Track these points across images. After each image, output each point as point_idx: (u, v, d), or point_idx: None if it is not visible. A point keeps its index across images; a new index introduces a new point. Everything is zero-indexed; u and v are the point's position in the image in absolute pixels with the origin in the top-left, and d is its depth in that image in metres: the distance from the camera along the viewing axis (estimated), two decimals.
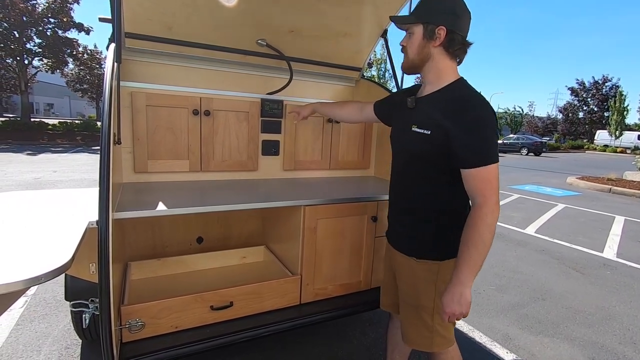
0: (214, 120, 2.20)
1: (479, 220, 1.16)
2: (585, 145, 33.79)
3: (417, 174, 1.34)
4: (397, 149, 1.47)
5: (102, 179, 1.23)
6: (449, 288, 1.22)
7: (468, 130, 1.16)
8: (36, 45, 18.36)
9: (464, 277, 1.18)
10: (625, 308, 3.06)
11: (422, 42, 1.25)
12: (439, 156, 1.24)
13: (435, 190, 1.31)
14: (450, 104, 1.21)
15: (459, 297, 1.19)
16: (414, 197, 1.36)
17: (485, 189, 1.16)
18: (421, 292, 1.37)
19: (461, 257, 1.19)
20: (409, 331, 1.45)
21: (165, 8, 1.99)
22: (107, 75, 1.41)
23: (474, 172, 1.16)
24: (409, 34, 1.30)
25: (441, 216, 1.32)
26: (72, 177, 7.79)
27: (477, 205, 1.18)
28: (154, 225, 2.29)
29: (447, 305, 1.21)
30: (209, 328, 1.69)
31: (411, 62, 1.31)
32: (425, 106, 1.30)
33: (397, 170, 1.46)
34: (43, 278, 0.89)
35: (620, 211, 6.95)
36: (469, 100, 1.19)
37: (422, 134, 1.26)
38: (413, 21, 1.27)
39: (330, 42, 2.52)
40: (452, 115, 1.18)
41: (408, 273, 1.41)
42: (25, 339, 2.21)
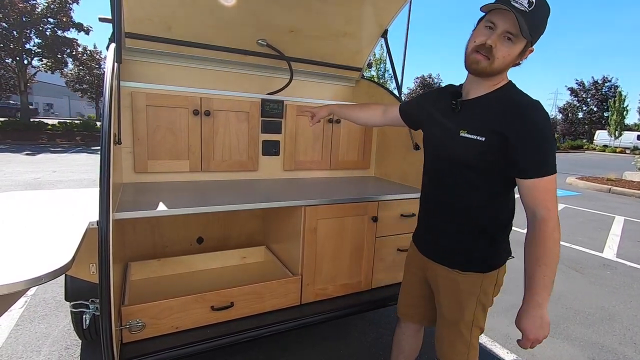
0: (214, 120, 2.20)
1: (548, 236, 1.07)
2: (584, 146, 33.80)
3: (465, 183, 1.24)
4: (440, 155, 1.33)
5: (103, 179, 1.22)
6: (527, 313, 1.12)
7: (530, 138, 1.07)
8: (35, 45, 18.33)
9: (541, 299, 1.10)
10: (625, 308, 3.06)
11: (516, 58, 1.14)
12: (493, 165, 1.16)
13: (486, 200, 1.23)
14: (507, 109, 1.12)
15: (540, 321, 1.11)
16: (461, 207, 1.27)
17: (548, 201, 1.08)
18: (464, 306, 1.29)
19: (534, 278, 1.10)
20: (446, 348, 1.37)
21: (165, 8, 1.99)
22: (108, 75, 1.40)
23: (536, 183, 1.08)
24: (508, 38, 1.09)
25: (490, 227, 1.25)
26: (71, 177, 7.78)
27: (541, 219, 1.09)
28: (154, 225, 2.29)
29: (531, 332, 1.12)
30: (209, 328, 1.69)
31: (495, 71, 1.14)
32: (475, 110, 1.20)
33: (438, 178, 1.34)
34: (44, 278, 0.89)
35: (620, 211, 6.95)
36: (528, 106, 1.10)
37: (474, 140, 1.16)
38: (524, 34, 1.06)
39: (331, 42, 2.52)
40: (511, 122, 1.09)
41: (450, 286, 1.32)
42: (25, 340, 2.21)
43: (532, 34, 1.07)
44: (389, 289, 2.19)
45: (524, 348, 1.17)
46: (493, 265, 1.28)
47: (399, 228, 2.15)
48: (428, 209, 1.42)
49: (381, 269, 2.17)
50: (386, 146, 2.71)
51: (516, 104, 1.12)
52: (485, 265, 1.28)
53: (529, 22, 1.05)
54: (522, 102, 1.12)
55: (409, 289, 1.57)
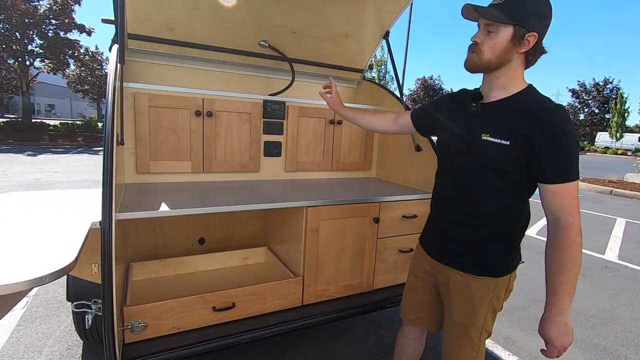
0: (216, 121, 2.20)
1: (572, 243, 1.06)
2: (586, 147, 33.74)
3: (485, 187, 1.21)
4: (456, 159, 1.30)
5: (105, 179, 1.23)
6: (550, 320, 1.11)
7: (554, 143, 1.06)
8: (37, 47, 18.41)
9: (564, 306, 1.09)
10: (627, 310, 3.05)
11: (507, 46, 1.12)
12: (516, 169, 1.13)
13: (504, 205, 1.21)
14: (531, 113, 1.10)
15: (564, 327, 1.09)
16: (477, 212, 1.24)
17: (572, 207, 1.07)
18: (476, 310, 1.28)
19: (557, 285, 1.09)
20: (454, 351, 1.36)
21: (167, 9, 1.99)
22: (111, 76, 1.41)
23: (560, 188, 1.07)
24: (488, 31, 1.14)
25: (506, 232, 1.24)
26: (73, 177, 7.79)
27: (564, 225, 1.07)
28: (156, 226, 2.30)
29: (557, 340, 1.10)
30: (211, 329, 1.69)
31: (486, 62, 1.15)
32: (497, 113, 1.18)
33: (454, 182, 1.32)
34: (47, 278, 0.89)
35: (622, 213, 6.94)
36: (552, 110, 1.09)
37: (498, 144, 1.14)
38: (504, 21, 1.09)
39: (332, 43, 2.52)
40: (536, 125, 1.08)
41: (462, 290, 1.30)
42: (27, 340, 2.21)
43: (511, 16, 1.08)
44: (390, 290, 2.19)
45: (551, 357, 1.13)
46: (506, 270, 1.27)
47: (400, 229, 2.15)
48: (441, 213, 1.39)
49: (383, 271, 2.17)
50: (388, 147, 2.71)
51: (541, 108, 1.11)
52: (498, 270, 1.26)
53: (507, 8, 1.09)
54: (546, 106, 1.11)
55: (414, 293, 1.54)
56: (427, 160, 2.26)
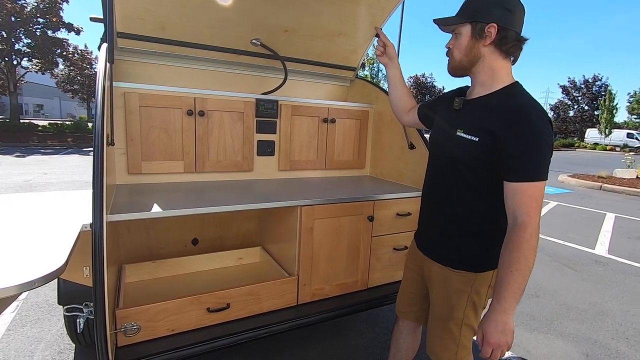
0: (209, 120, 2.18)
1: (524, 242, 1.05)
2: (575, 144, 34.23)
3: (462, 182, 1.24)
4: (438, 152, 1.36)
5: (96, 181, 1.21)
6: (490, 316, 1.11)
7: (521, 142, 1.06)
8: (25, 46, 18.09)
9: (508, 305, 1.07)
10: (618, 304, 3.10)
11: (470, 42, 1.16)
12: (484, 165, 1.15)
13: (483, 201, 1.22)
14: (504, 112, 1.10)
15: (503, 326, 1.08)
16: (456, 206, 1.27)
17: (531, 207, 1.06)
18: (454, 303, 1.30)
19: (504, 283, 1.07)
20: (435, 344, 1.39)
21: (158, 7, 1.97)
22: (100, 75, 1.39)
23: (521, 187, 1.06)
24: (455, 35, 1.21)
25: (486, 229, 1.24)
26: (63, 178, 7.68)
27: (520, 224, 1.06)
28: (149, 227, 2.27)
29: (491, 336, 1.09)
30: (205, 330, 1.68)
31: (459, 63, 1.21)
32: (474, 110, 1.21)
33: (436, 175, 1.36)
34: (37, 283, 0.88)
35: (611, 208, 7.05)
36: (526, 110, 1.08)
37: (468, 140, 1.17)
38: (459, 21, 1.17)
39: (325, 41, 2.52)
40: (506, 125, 1.08)
41: (442, 283, 1.34)
42: (17, 344, 2.17)
43: (466, 15, 1.17)
44: (385, 288, 2.19)
45: (485, 356, 1.12)
46: (487, 266, 1.27)
47: (395, 227, 2.15)
48: (426, 207, 1.44)
49: (377, 269, 2.17)
50: (381, 146, 2.71)
51: (514, 106, 1.10)
52: (478, 265, 1.27)
53: (463, 9, 1.19)
54: (522, 103, 1.11)
55: (407, 287, 1.58)
56: (421, 158, 2.26)
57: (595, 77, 37.65)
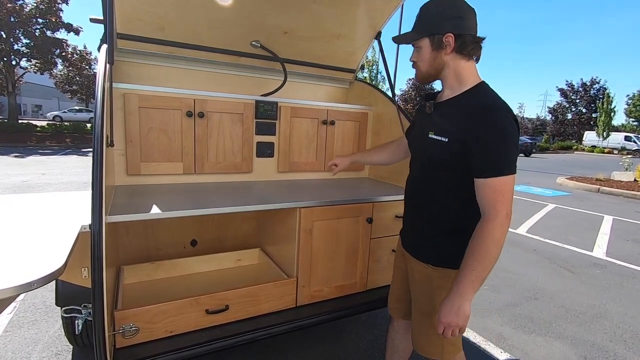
0: (208, 121, 2.18)
1: (486, 233, 1.11)
2: (573, 146, 34.35)
3: (436, 181, 1.30)
4: (415, 156, 1.45)
5: (95, 182, 1.21)
6: (447, 298, 1.18)
7: (488, 139, 1.11)
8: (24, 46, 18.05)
9: (464, 290, 1.13)
10: (616, 306, 3.11)
11: (432, 55, 1.22)
12: (456, 164, 1.20)
13: (455, 199, 1.26)
14: (471, 112, 1.15)
15: (457, 309, 1.14)
16: (434, 205, 1.32)
17: (497, 201, 1.10)
18: (435, 299, 1.33)
19: (464, 269, 1.14)
20: (421, 339, 1.42)
21: (158, 9, 1.97)
22: (100, 76, 1.38)
23: (488, 182, 1.11)
24: (416, 48, 1.27)
25: (460, 226, 1.27)
26: (61, 179, 7.66)
27: (486, 217, 1.13)
28: (147, 228, 2.27)
29: (444, 315, 1.16)
30: (204, 332, 1.67)
31: (426, 74, 1.28)
32: (443, 112, 1.26)
33: (415, 177, 1.43)
34: (35, 284, 0.88)
35: (609, 210, 7.07)
36: (493, 109, 1.13)
37: (439, 141, 1.22)
38: (417, 37, 1.24)
39: (325, 43, 2.52)
40: (472, 124, 1.13)
41: (424, 280, 1.38)
42: (14, 346, 2.16)
43: (421, 30, 1.24)
44: (384, 290, 2.18)
45: (438, 332, 1.21)
46: None
47: (393, 229, 2.16)
48: (407, 207, 1.51)
49: (376, 270, 2.17)
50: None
51: (480, 105, 1.16)
52: (457, 262, 1.29)
53: (417, 25, 1.25)
54: (487, 102, 1.16)
55: (396, 284, 1.64)
56: None
57: (593, 80, 37.81)
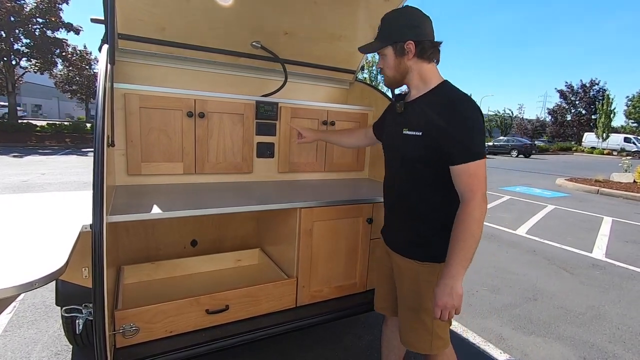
0: (209, 122, 2.19)
1: (467, 215, 1.19)
2: (573, 147, 34.39)
3: (413, 176, 1.36)
4: (391, 153, 1.51)
5: (96, 181, 1.21)
6: (439, 282, 1.24)
7: (457, 129, 1.21)
8: (24, 46, 18.05)
9: (455, 271, 1.20)
10: (615, 307, 3.11)
11: (396, 61, 1.34)
12: (432, 156, 1.28)
13: (433, 192, 1.33)
14: (439, 105, 1.26)
15: (449, 290, 1.20)
16: (412, 199, 1.38)
17: (473, 184, 1.19)
18: (423, 294, 1.37)
19: (452, 252, 1.21)
20: (409, 334, 1.45)
21: (158, 9, 1.97)
22: (101, 76, 1.39)
23: (463, 168, 1.20)
24: (382, 56, 1.38)
25: (444, 219, 1.32)
26: (61, 179, 7.66)
27: (465, 200, 1.21)
28: (147, 228, 2.27)
29: (439, 298, 1.22)
30: (204, 332, 1.68)
31: (392, 79, 1.38)
32: (414, 110, 1.35)
33: (392, 174, 1.49)
34: (37, 283, 0.88)
35: (608, 212, 7.08)
36: (458, 101, 1.25)
37: (413, 135, 1.32)
38: (381, 46, 1.35)
39: (325, 44, 2.53)
40: (442, 116, 1.23)
41: (410, 276, 1.42)
42: (14, 346, 2.16)
43: (383, 39, 1.34)
44: None
45: (436, 316, 1.25)
46: None
47: None
48: (387, 205, 1.55)
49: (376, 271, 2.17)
50: (380, 149, 2.71)
51: (446, 98, 1.27)
52: (441, 256, 1.33)
53: (380, 35, 1.35)
54: (452, 97, 1.27)
55: (381, 283, 1.68)
56: None
57: (593, 82, 37.86)
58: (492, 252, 4.31)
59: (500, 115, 40.42)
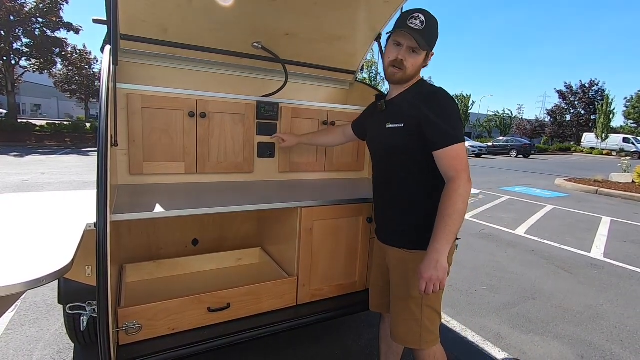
0: (210, 122, 2.20)
1: (452, 192, 1.25)
2: (572, 148, 34.45)
3: (397, 166, 1.44)
4: (375, 148, 1.58)
5: (100, 181, 1.22)
6: (425, 257, 1.28)
7: (437, 116, 1.30)
8: (24, 45, 18.04)
9: (440, 246, 1.25)
10: (613, 307, 3.13)
11: (421, 65, 1.42)
12: (414, 145, 1.36)
13: (418, 181, 1.41)
14: (418, 98, 1.37)
15: (435, 263, 1.25)
16: (397, 189, 1.45)
17: (457, 165, 1.27)
18: (411, 283, 1.41)
19: (437, 227, 1.27)
20: (399, 327, 1.49)
21: (160, 10, 1.99)
22: (104, 77, 1.40)
23: (446, 151, 1.28)
24: (414, 53, 1.37)
25: (426, 205, 1.39)
26: (61, 179, 7.67)
27: (450, 179, 1.27)
28: (149, 227, 2.28)
29: (424, 271, 1.26)
30: (206, 330, 1.69)
31: (408, 77, 1.41)
32: (396, 105, 1.46)
33: (381, 169, 1.56)
34: (44, 280, 0.89)
35: (607, 212, 7.11)
36: (435, 93, 1.36)
37: (395, 127, 1.41)
38: (426, 48, 1.37)
39: (325, 45, 2.55)
40: (422, 106, 1.33)
41: (399, 265, 1.48)
42: (16, 344, 2.18)
43: (428, 44, 1.36)
44: None
45: (421, 290, 1.29)
46: None
47: None
48: (377, 200, 1.61)
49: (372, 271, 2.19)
50: None
51: (424, 92, 1.39)
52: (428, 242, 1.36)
53: (424, 36, 1.33)
54: (428, 90, 1.39)
55: (374, 281, 1.73)
56: None
57: (592, 82, 37.93)
58: (492, 252, 4.33)
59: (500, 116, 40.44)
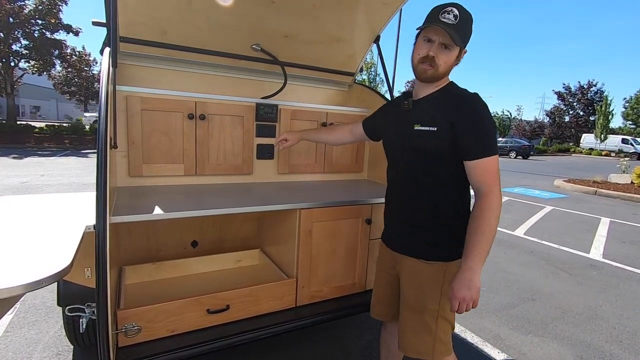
0: (209, 124, 2.21)
1: (486, 209, 1.20)
2: (571, 149, 34.49)
3: (421, 170, 1.35)
4: (395, 149, 1.46)
5: (100, 183, 1.23)
6: (457, 275, 1.23)
7: (473, 124, 1.23)
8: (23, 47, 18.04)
9: (473, 264, 1.20)
10: (612, 307, 3.14)
11: (453, 62, 1.32)
12: (446, 151, 1.28)
13: (445, 190, 1.33)
14: (452, 102, 1.28)
15: (468, 282, 1.19)
16: (423, 199, 1.36)
17: (489, 179, 1.22)
18: (427, 295, 1.36)
19: (470, 245, 1.21)
20: (410, 338, 1.41)
21: (160, 12, 2.00)
22: (103, 79, 1.41)
23: (479, 163, 1.22)
24: (447, 50, 1.27)
25: (452, 217, 1.33)
26: (60, 181, 7.66)
27: (482, 194, 1.22)
28: (149, 229, 2.28)
29: (458, 291, 1.21)
30: (205, 331, 1.69)
31: (439, 74, 1.31)
32: (425, 106, 1.35)
33: (399, 173, 1.46)
34: (44, 282, 0.90)
35: (606, 213, 7.12)
36: (470, 98, 1.27)
37: (427, 131, 1.30)
38: (460, 44, 1.27)
39: (324, 47, 2.55)
40: (457, 112, 1.25)
41: (415, 275, 1.40)
42: (15, 346, 2.18)
43: (462, 40, 1.27)
44: None
45: (453, 310, 1.24)
46: (456, 254, 1.33)
47: None
48: (394, 206, 1.51)
49: (375, 271, 2.19)
50: (379, 150, 2.74)
51: (460, 96, 1.30)
52: (447, 255, 1.34)
53: (458, 32, 1.23)
54: (464, 95, 1.30)
55: (381, 288, 1.64)
56: None
57: (590, 83, 38.00)
58: (491, 253, 4.28)
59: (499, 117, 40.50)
